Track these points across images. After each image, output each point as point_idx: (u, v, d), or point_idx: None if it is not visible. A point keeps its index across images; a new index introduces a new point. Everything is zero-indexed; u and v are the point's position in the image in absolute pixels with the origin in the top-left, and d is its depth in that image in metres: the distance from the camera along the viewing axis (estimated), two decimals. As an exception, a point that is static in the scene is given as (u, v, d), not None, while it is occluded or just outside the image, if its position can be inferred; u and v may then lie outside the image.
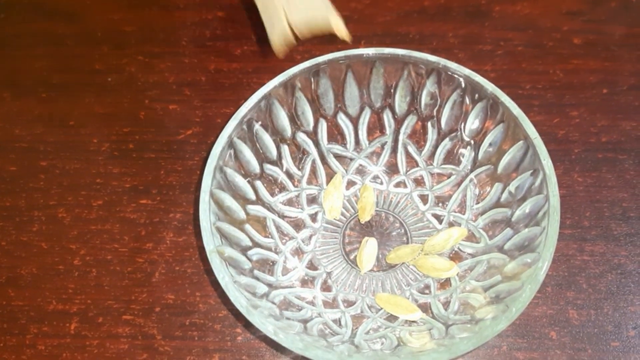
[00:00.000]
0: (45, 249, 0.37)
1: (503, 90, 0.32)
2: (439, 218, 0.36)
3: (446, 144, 0.36)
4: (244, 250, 0.32)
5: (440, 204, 0.36)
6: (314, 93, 0.35)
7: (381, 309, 0.33)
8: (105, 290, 0.35)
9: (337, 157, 0.37)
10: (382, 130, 0.37)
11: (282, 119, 0.35)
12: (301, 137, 0.36)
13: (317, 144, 0.37)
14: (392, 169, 0.37)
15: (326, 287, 0.34)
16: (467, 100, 0.34)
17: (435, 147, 0.36)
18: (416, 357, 0.26)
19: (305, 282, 0.34)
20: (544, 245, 0.28)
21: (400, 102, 0.36)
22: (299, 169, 0.37)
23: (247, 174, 0.34)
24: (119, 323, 0.34)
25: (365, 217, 0.36)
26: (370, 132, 0.37)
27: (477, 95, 0.33)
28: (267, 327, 0.27)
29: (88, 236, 0.37)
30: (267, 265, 0.33)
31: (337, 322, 0.32)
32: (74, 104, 0.43)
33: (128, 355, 0.33)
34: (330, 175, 0.37)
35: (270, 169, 0.35)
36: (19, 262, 0.37)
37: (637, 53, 0.43)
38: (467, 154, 0.35)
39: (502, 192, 0.33)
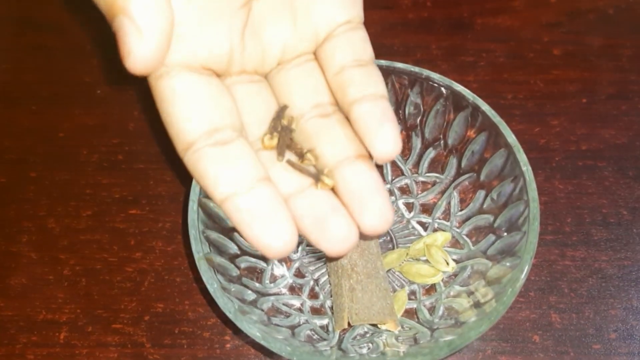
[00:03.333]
0: (34, 259, 0.37)
1: (485, 100, 0.33)
2: (424, 225, 0.37)
3: (430, 152, 0.37)
4: (232, 258, 0.32)
5: (425, 212, 0.37)
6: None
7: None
8: (95, 300, 0.36)
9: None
10: (368, 140, 0.38)
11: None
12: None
13: (304, 153, 0.37)
14: (377, 177, 0.38)
15: (313, 295, 0.35)
16: (450, 109, 0.34)
17: (420, 156, 0.37)
18: (401, 359, 0.27)
19: (293, 290, 0.35)
20: (525, 248, 0.29)
21: (385, 112, 0.36)
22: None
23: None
24: (108, 332, 0.35)
25: None
26: (356, 141, 0.38)
27: (459, 105, 0.34)
28: (255, 332, 0.27)
29: (77, 246, 0.38)
30: (255, 273, 0.34)
31: (325, 328, 0.33)
32: (64, 116, 0.43)
33: (117, 364, 0.34)
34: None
35: (258, 178, 0.36)
36: (8, 273, 0.37)
37: (615, 63, 0.44)
38: (450, 162, 0.36)
39: (484, 199, 0.34)
